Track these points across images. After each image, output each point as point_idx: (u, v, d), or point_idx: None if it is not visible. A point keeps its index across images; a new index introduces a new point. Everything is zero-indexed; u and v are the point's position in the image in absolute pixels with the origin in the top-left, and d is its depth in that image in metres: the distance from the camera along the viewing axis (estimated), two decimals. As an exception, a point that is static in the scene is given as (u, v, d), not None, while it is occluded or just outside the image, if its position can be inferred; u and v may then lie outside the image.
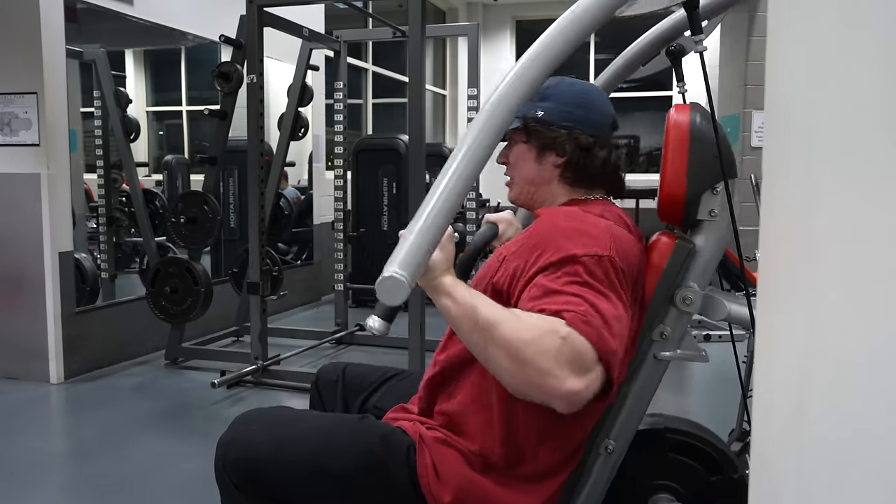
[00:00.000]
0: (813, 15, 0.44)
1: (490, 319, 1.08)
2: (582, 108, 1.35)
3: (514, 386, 1.10)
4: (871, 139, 0.40)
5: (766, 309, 0.50)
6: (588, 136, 1.33)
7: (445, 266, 1.15)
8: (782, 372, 0.47)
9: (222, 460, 1.27)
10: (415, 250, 1.01)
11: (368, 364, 1.75)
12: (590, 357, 1.06)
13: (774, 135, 0.49)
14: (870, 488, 0.40)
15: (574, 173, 1.35)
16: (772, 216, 0.49)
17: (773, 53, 0.49)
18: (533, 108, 1.35)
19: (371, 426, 1.30)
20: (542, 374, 1.04)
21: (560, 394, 1.05)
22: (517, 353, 1.05)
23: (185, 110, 6.20)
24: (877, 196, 0.40)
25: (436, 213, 1.03)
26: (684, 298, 1.28)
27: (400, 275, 0.99)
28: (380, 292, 1.00)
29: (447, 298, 1.13)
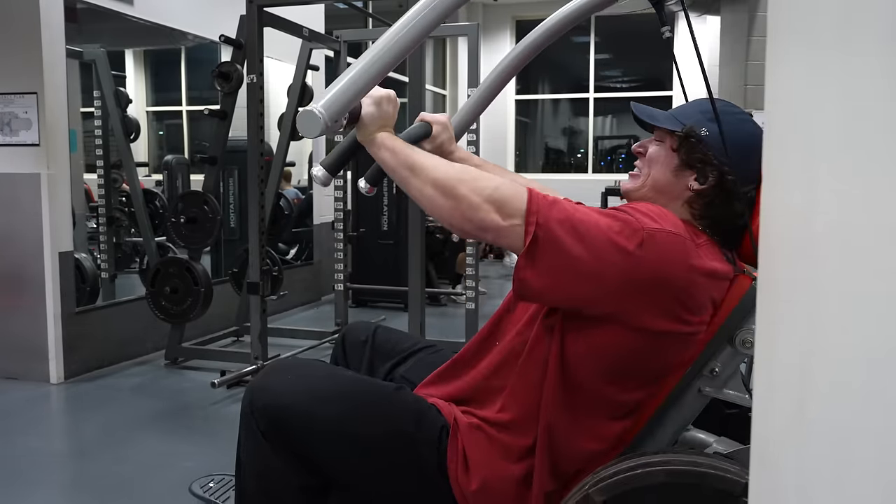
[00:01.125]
0: (813, 15, 0.44)
1: (425, 163, 1.19)
2: (744, 153, 1.25)
3: (450, 221, 1.17)
4: (871, 139, 0.40)
5: (767, 309, 0.50)
6: (734, 183, 1.24)
7: (381, 123, 1.24)
8: (782, 372, 0.47)
9: (251, 405, 1.25)
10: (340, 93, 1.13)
11: (399, 329, 1.72)
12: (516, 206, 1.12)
13: (774, 135, 0.49)
14: (870, 488, 0.40)
15: (702, 207, 1.27)
16: (772, 216, 0.49)
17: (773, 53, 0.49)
18: (701, 124, 1.28)
19: (407, 400, 1.29)
20: (471, 206, 1.13)
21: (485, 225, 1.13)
22: (452, 189, 1.15)
23: (185, 110, 6.20)
24: (877, 196, 0.40)
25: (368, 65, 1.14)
26: (744, 341, 1.25)
27: (319, 111, 1.11)
28: (299, 124, 1.13)
29: (385, 151, 1.23)
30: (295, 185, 6.11)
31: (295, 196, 5.92)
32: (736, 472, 1.05)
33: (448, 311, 5.60)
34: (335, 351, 1.62)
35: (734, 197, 1.25)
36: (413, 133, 1.45)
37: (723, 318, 1.26)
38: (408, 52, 1.18)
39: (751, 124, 1.31)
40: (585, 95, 9.75)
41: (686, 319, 1.18)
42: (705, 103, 1.29)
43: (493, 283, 6.79)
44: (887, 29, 0.39)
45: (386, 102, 1.25)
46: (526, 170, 10.06)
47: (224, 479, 2.06)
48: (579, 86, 9.88)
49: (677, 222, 1.21)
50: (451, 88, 9.84)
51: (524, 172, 9.53)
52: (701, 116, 1.29)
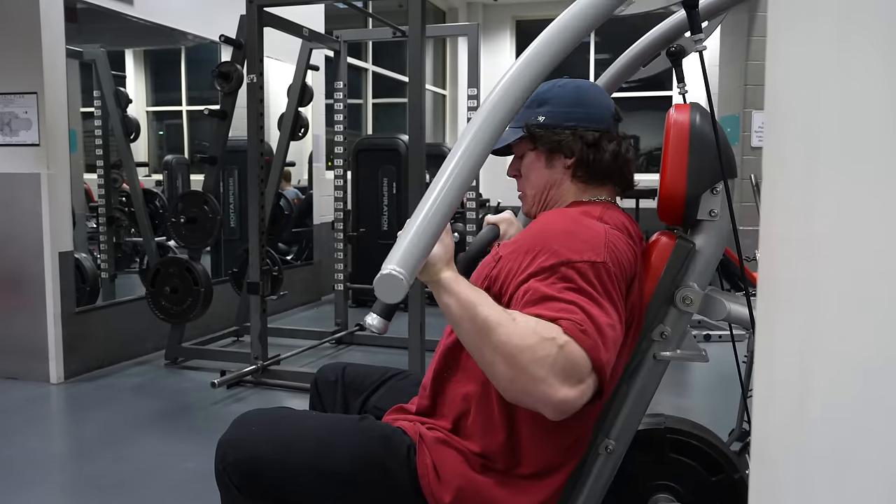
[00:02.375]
0: (813, 15, 0.44)
1: (490, 321, 1.08)
2: (580, 106, 1.35)
3: (507, 390, 1.10)
4: (872, 139, 0.40)
5: (766, 309, 0.50)
6: (593, 132, 1.33)
7: (445, 260, 1.14)
8: (782, 371, 0.47)
9: (223, 461, 1.27)
10: (413, 247, 1.01)
11: (368, 364, 1.75)
12: (585, 367, 1.07)
13: (774, 135, 0.49)
14: (870, 487, 0.40)
15: (585, 171, 1.35)
16: (772, 216, 0.49)
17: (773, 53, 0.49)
18: (533, 115, 1.35)
19: (371, 426, 1.30)
20: (536, 381, 1.05)
21: (552, 402, 1.06)
22: (513, 359, 1.06)
23: (185, 110, 6.20)
24: (877, 196, 0.40)
25: (434, 210, 1.03)
26: (684, 298, 1.28)
27: (398, 272, 0.99)
28: (378, 290, 1.00)
29: (448, 295, 1.12)
30: (295, 185, 6.11)
31: (295, 196, 5.92)
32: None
33: (448, 311, 5.59)
34: (311, 397, 1.64)
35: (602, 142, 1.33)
36: (482, 240, 1.48)
37: (654, 281, 1.29)
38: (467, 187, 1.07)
39: (572, 83, 1.39)
40: (585, 95, 9.73)
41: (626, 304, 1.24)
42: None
43: (493, 283, 6.78)
44: (887, 29, 0.39)
45: (447, 237, 1.16)
46: (526, 170, 10.06)
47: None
48: (579, 86, 9.86)
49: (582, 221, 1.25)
50: (451, 88, 9.83)
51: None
52: (529, 111, 1.35)
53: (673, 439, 1.49)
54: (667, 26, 1.63)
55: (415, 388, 1.42)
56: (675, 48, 1.57)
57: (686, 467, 1.48)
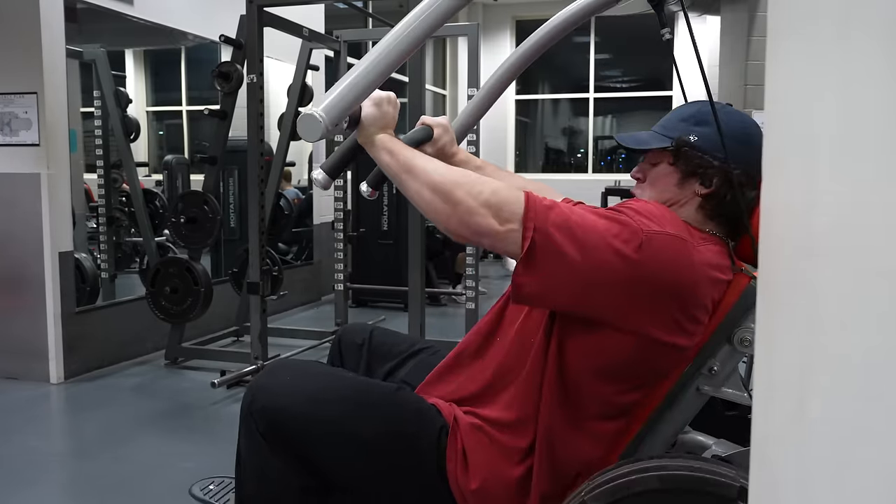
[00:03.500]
0: (813, 15, 0.44)
1: (424, 166, 1.19)
2: (742, 144, 1.25)
3: (447, 225, 1.16)
4: (871, 139, 0.40)
5: (766, 309, 0.50)
6: (742, 175, 1.24)
7: (381, 124, 1.24)
8: (782, 370, 0.47)
9: (250, 406, 1.25)
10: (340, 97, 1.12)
11: (395, 331, 1.72)
12: (514, 210, 1.11)
13: (774, 135, 0.49)
14: (870, 487, 0.40)
15: (714, 207, 1.27)
16: (772, 216, 0.49)
17: (773, 53, 0.49)
18: (688, 132, 1.28)
19: (407, 399, 1.29)
20: (468, 211, 1.13)
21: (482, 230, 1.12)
22: (449, 194, 1.14)
23: (185, 110, 6.20)
24: (877, 195, 0.40)
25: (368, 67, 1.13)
26: (742, 340, 1.25)
27: (319, 115, 1.10)
28: (299, 127, 1.12)
29: (384, 153, 1.22)
30: (295, 185, 6.11)
31: (295, 196, 5.92)
32: (731, 475, 1.05)
33: (448, 311, 5.60)
34: (331, 353, 1.61)
35: (746, 188, 1.25)
36: (414, 136, 1.45)
37: (721, 316, 1.26)
38: (408, 54, 1.18)
39: (736, 114, 1.33)
40: (585, 95, 9.75)
41: (685, 328, 1.18)
42: (682, 110, 1.33)
43: (493, 283, 6.79)
44: (887, 28, 0.39)
45: (386, 104, 1.25)
46: (526, 170, 10.06)
47: (224, 481, 2.06)
48: (579, 86, 9.88)
49: (677, 222, 1.21)
50: (451, 88, 9.83)
51: (524, 172, 9.53)
52: (684, 125, 1.30)
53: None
54: None
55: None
56: None
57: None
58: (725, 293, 1.25)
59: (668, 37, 1.44)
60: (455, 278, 6.04)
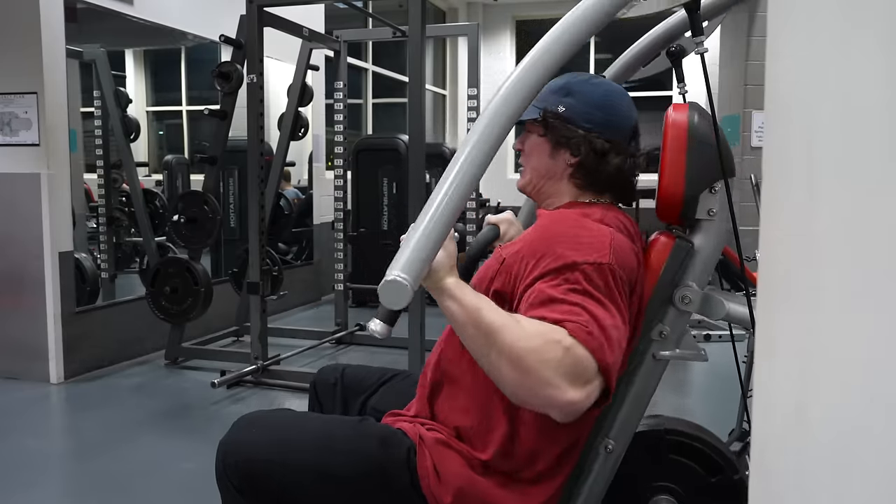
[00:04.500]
0: (813, 15, 0.44)
1: (494, 325, 1.08)
2: (603, 111, 1.33)
3: (514, 393, 1.10)
4: (872, 139, 0.40)
5: (766, 309, 0.50)
6: (604, 142, 1.31)
7: (449, 266, 1.13)
8: (782, 372, 0.47)
9: (223, 463, 1.27)
10: (417, 253, 1.01)
11: (367, 365, 1.75)
12: (591, 369, 1.07)
13: (774, 135, 0.49)
14: (870, 488, 0.40)
15: (585, 176, 1.33)
16: (772, 216, 0.49)
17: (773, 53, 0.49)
18: (555, 103, 1.33)
19: (370, 428, 1.30)
20: (543, 383, 1.05)
21: (560, 404, 1.06)
22: (520, 362, 1.05)
23: (185, 110, 6.20)
24: (877, 196, 0.40)
25: (438, 216, 1.03)
26: (683, 297, 1.28)
27: (403, 278, 0.99)
28: (382, 296, 1.00)
29: (452, 301, 1.11)
30: (295, 185, 6.11)
31: (295, 196, 5.92)
32: None
33: (448, 311, 5.59)
34: (310, 399, 1.64)
35: (609, 154, 1.31)
36: (483, 240, 1.47)
37: (653, 280, 1.29)
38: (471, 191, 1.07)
39: (602, 85, 1.38)
40: (585, 95, 9.73)
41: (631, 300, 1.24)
42: (556, 81, 1.35)
43: (493, 283, 6.78)
44: (887, 28, 0.39)
45: (450, 243, 1.15)
46: (526, 170, 10.06)
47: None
48: (579, 86, 9.86)
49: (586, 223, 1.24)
50: (451, 88, 9.83)
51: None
52: (554, 96, 1.33)
53: (672, 440, 1.49)
54: (667, 26, 1.63)
55: (413, 389, 1.41)
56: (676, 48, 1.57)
57: (685, 468, 1.48)
58: (649, 254, 1.31)
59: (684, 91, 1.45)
60: (455, 278, 6.03)
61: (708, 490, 1.47)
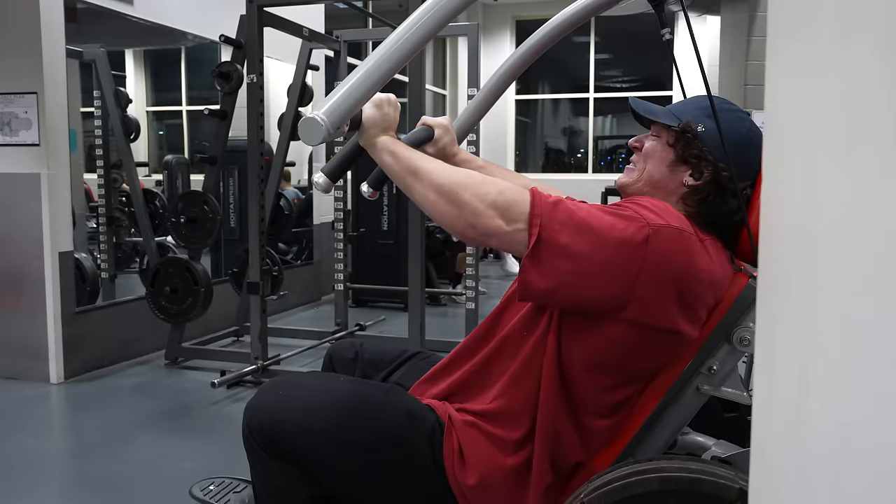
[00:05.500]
0: (813, 15, 0.44)
1: (427, 168, 1.18)
2: (740, 150, 1.26)
3: (453, 225, 1.17)
4: (871, 139, 0.40)
5: (767, 308, 0.50)
6: (729, 179, 1.25)
7: (383, 126, 1.23)
8: (782, 371, 0.47)
9: (248, 425, 1.27)
10: (342, 100, 1.11)
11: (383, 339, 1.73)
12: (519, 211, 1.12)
13: (774, 135, 0.49)
14: (870, 487, 0.40)
15: (697, 204, 1.27)
16: (772, 216, 0.49)
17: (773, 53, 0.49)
18: (698, 121, 1.28)
19: (398, 400, 1.29)
20: (475, 213, 1.13)
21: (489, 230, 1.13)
22: (454, 195, 1.14)
23: (185, 110, 6.20)
24: (877, 195, 0.40)
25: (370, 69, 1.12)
26: (741, 339, 1.25)
27: (321, 118, 1.09)
28: (301, 131, 1.11)
29: (387, 154, 1.22)
30: (295, 185, 6.11)
31: (295, 196, 5.92)
32: (729, 476, 1.05)
33: (448, 311, 5.60)
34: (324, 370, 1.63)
35: (728, 193, 1.26)
36: (415, 137, 1.45)
37: (720, 315, 1.26)
38: (410, 56, 1.17)
39: (748, 122, 1.32)
40: (585, 95, 9.75)
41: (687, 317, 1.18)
42: (703, 100, 1.30)
43: (493, 284, 6.79)
44: (887, 29, 0.39)
45: (387, 105, 1.24)
46: (526, 170, 10.07)
47: (224, 481, 2.06)
48: (579, 86, 9.88)
49: (682, 218, 1.21)
50: (451, 88, 9.83)
51: (524, 172, 9.53)
52: (698, 112, 1.30)
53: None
54: None
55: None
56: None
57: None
58: (726, 292, 1.26)
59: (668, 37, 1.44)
60: (455, 278, 6.04)
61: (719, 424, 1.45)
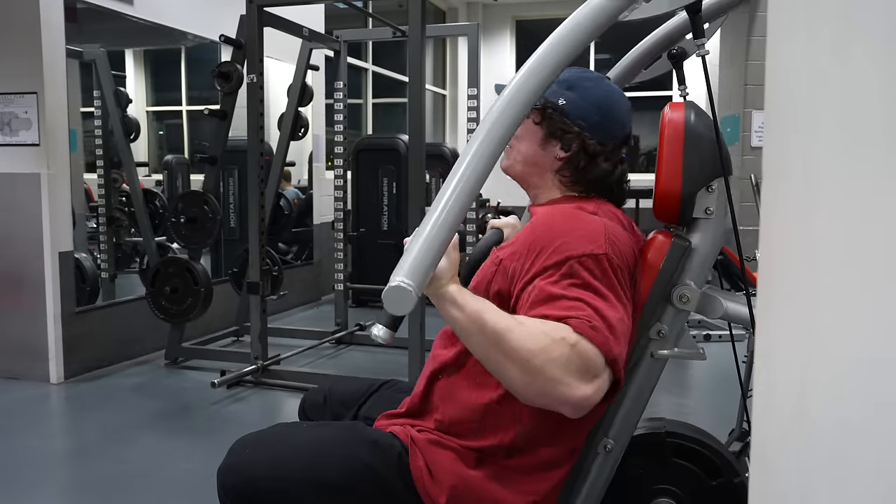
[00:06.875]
0: (813, 15, 0.44)
1: (498, 328, 1.08)
2: (600, 113, 1.31)
3: (524, 395, 1.10)
4: (871, 139, 0.40)
5: (766, 309, 0.50)
6: (596, 144, 1.30)
7: (451, 274, 1.14)
8: (782, 372, 0.47)
9: (222, 488, 1.27)
10: (421, 259, 1.01)
11: (354, 377, 1.74)
12: (598, 363, 1.07)
13: (774, 135, 0.49)
14: (870, 488, 0.40)
15: (571, 174, 1.33)
16: (772, 216, 0.49)
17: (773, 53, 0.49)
18: (557, 94, 1.32)
19: (360, 433, 1.30)
20: (553, 382, 1.05)
21: (572, 401, 1.06)
22: (527, 364, 1.06)
23: (185, 110, 6.20)
24: (877, 196, 0.40)
25: (442, 222, 1.03)
26: (681, 296, 1.28)
27: (407, 284, 0.99)
28: (386, 302, 0.99)
29: (454, 308, 1.12)
30: (295, 185, 6.11)
31: (295, 196, 5.92)
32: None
33: (448, 311, 5.59)
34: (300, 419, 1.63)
35: (600, 158, 1.30)
36: (485, 245, 1.45)
37: (651, 277, 1.29)
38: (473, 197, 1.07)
39: (604, 85, 1.36)
40: (585, 95, 9.72)
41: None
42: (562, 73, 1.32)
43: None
44: (886, 29, 0.39)
45: (453, 252, 1.16)
46: (526, 170, 10.06)
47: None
48: (579, 86, 9.86)
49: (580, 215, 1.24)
50: (451, 88, 9.83)
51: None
52: (557, 87, 1.32)
53: (674, 443, 1.49)
54: (668, 28, 1.63)
55: (403, 396, 1.41)
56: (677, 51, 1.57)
57: (687, 471, 1.48)
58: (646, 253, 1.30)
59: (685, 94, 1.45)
60: (455, 278, 6.03)
61: (708, 493, 1.47)
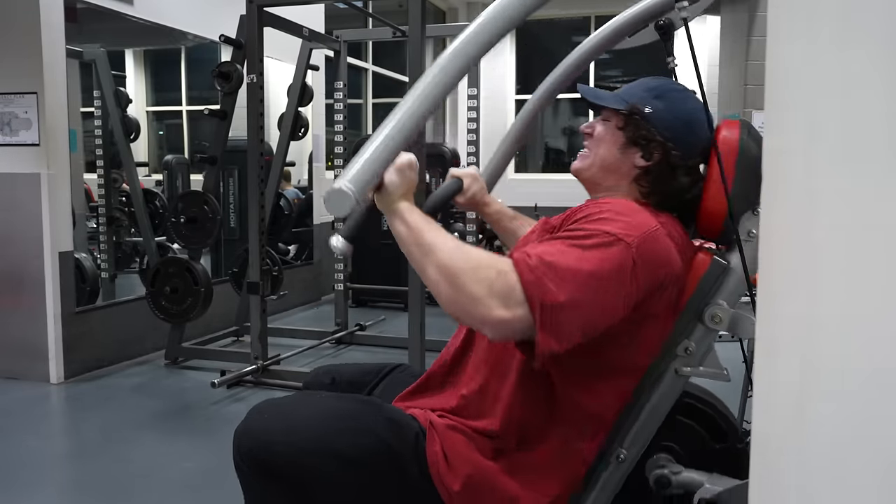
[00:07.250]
0: (813, 15, 0.44)
1: (435, 244, 1.13)
2: (687, 128, 1.30)
3: (452, 310, 1.13)
4: (871, 139, 0.40)
5: (766, 309, 0.50)
6: (679, 157, 1.29)
7: (403, 191, 1.18)
8: (782, 371, 0.47)
9: (238, 451, 1.27)
10: (367, 167, 1.07)
11: (360, 363, 1.74)
12: (518, 296, 1.08)
13: (774, 135, 0.49)
14: (870, 487, 0.40)
15: (649, 184, 1.31)
16: (772, 216, 0.49)
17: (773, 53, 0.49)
18: (644, 101, 1.31)
19: (378, 409, 1.29)
20: (474, 301, 1.09)
21: (489, 321, 1.09)
22: (455, 279, 1.10)
23: (185, 110, 6.20)
24: (877, 196, 0.40)
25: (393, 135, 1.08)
26: (713, 316, 1.26)
27: (348, 188, 1.05)
28: (327, 204, 1.05)
29: (400, 223, 1.17)
30: (295, 185, 6.11)
31: (295, 196, 5.92)
32: None
33: (448, 311, 5.59)
34: None
35: (680, 171, 1.29)
36: (445, 191, 1.46)
37: (688, 296, 1.28)
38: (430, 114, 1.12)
39: (692, 100, 1.35)
40: (585, 95, 9.73)
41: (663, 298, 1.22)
42: (650, 81, 1.34)
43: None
44: (886, 29, 0.39)
45: (409, 170, 1.20)
46: (526, 170, 10.06)
47: None
48: (579, 86, 9.86)
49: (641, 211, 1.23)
50: (451, 88, 9.82)
51: (524, 172, 9.54)
52: (645, 94, 1.32)
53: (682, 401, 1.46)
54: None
55: (414, 380, 1.41)
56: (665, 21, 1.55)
57: (691, 430, 1.46)
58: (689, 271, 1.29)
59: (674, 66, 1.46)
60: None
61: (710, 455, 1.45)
